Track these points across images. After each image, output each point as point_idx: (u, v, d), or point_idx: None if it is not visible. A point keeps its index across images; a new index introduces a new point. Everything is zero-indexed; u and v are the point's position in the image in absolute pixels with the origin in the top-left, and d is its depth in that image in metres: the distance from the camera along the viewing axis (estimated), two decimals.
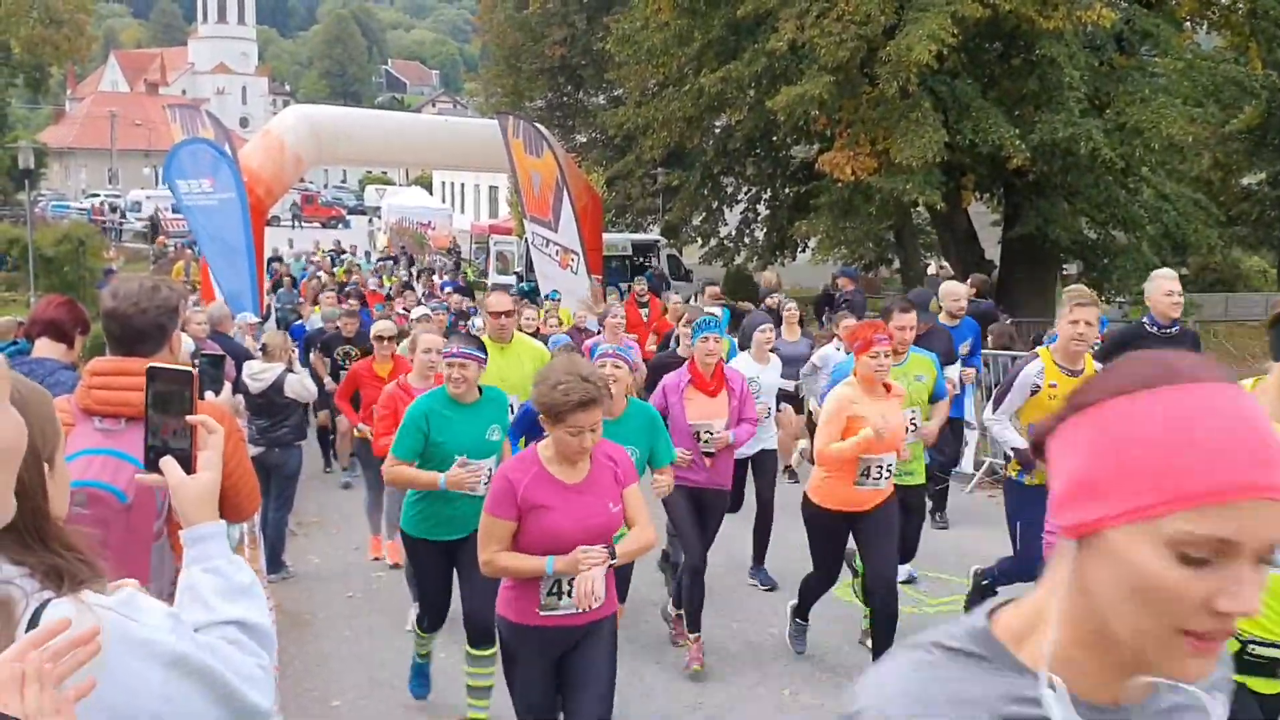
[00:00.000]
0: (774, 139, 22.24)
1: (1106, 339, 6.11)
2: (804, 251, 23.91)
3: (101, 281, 21.57)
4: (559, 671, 3.74)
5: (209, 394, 3.31)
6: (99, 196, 53.85)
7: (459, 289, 18.72)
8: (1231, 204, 23.96)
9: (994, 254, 20.61)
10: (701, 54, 19.22)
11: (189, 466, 1.79)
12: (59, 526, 1.47)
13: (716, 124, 21.82)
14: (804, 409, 9.56)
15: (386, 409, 5.82)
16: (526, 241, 20.93)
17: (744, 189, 24.57)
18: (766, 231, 24.20)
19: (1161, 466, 1.01)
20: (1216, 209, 19.94)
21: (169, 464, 1.79)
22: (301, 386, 7.75)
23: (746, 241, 24.93)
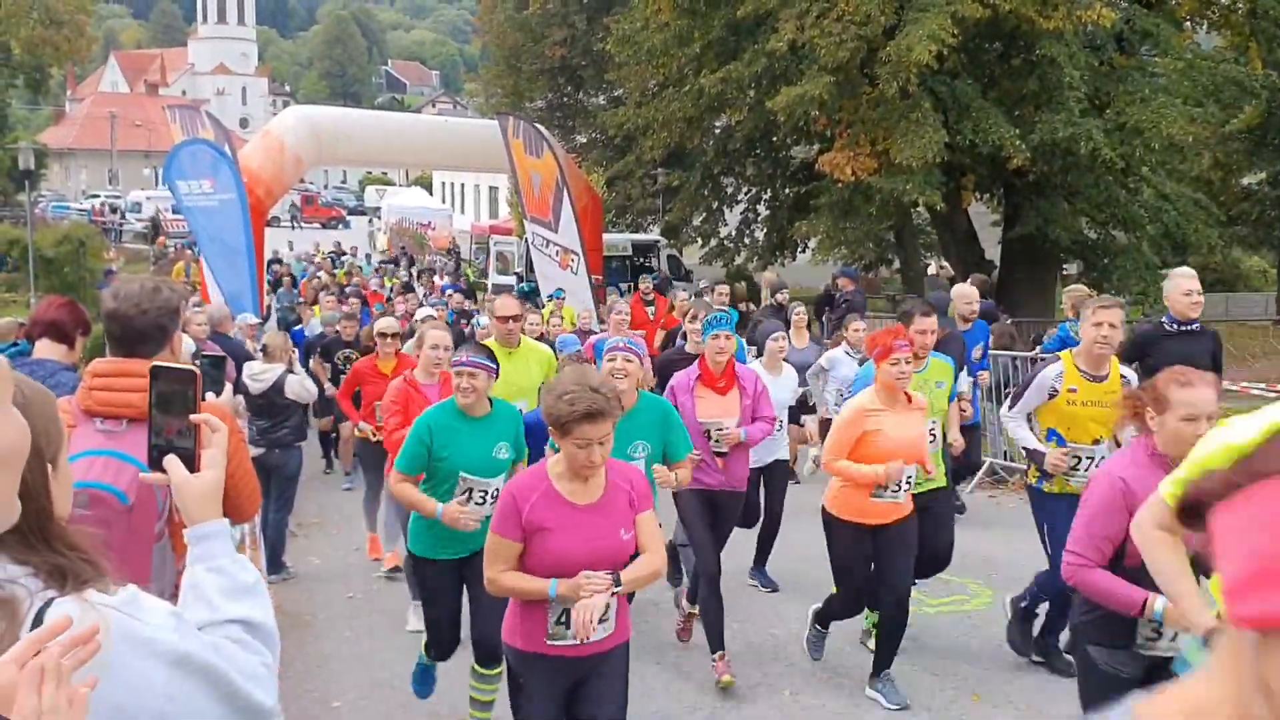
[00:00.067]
0: (774, 139, 22.24)
1: (1126, 340, 5.92)
2: (804, 252, 23.92)
3: (102, 282, 21.58)
4: (567, 701, 3.60)
5: (210, 395, 3.31)
6: (99, 197, 53.85)
7: (460, 292, 18.70)
8: (1232, 204, 23.95)
9: (994, 254, 20.60)
10: (701, 54, 19.23)
11: (193, 465, 1.80)
12: (62, 527, 1.48)
13: (716, 124, 21.82)
14: (813, 410, 9.25)
15: (396, 403, 5.65)
16: (527, 242, 20.93)
17: (744, 189, 24.56)
18: (766, 232, 24.19)
19: None
20: (1217, 209, 19.94)
21: (173, 462, 1.79)
22: (302, 388, 7.75)
23: (746, 242, 24.94)
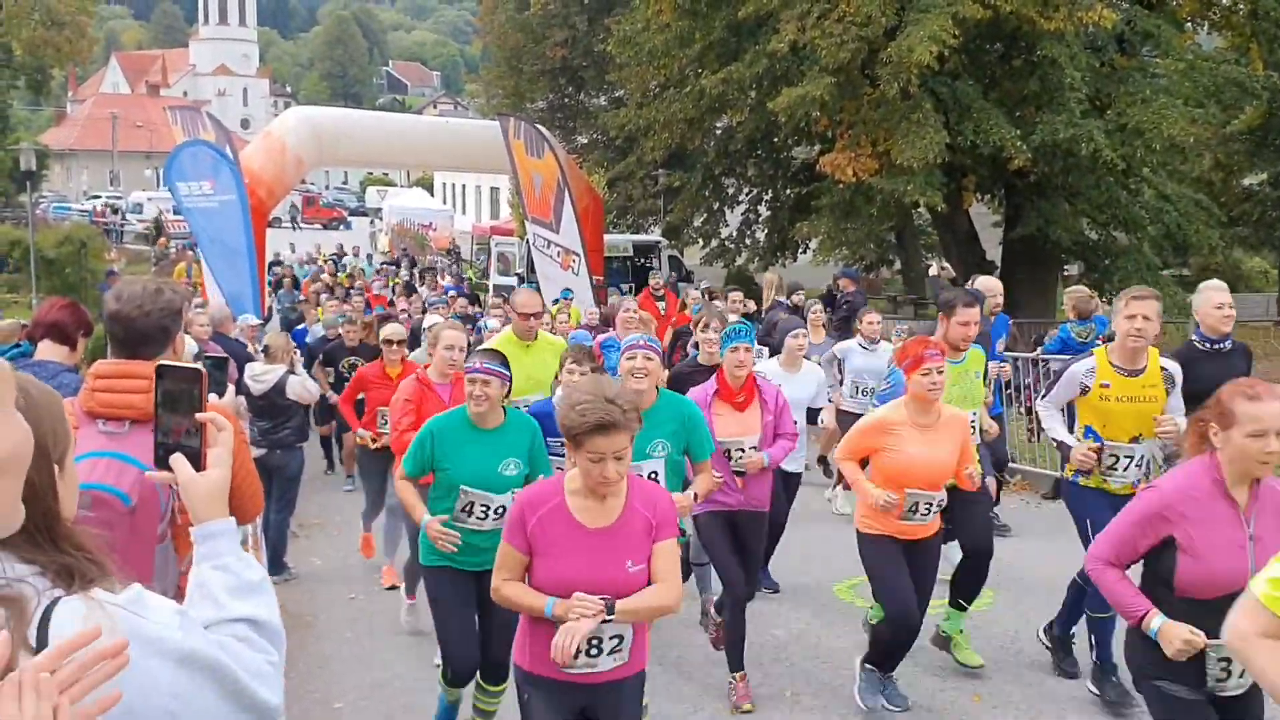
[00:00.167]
0: (775, 140, 22.25)
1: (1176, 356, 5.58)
2: (805, 253, 23.94)
3: (103, 283, 21.59)
4: None
5: (212, 396, 3.31)
6: (100, 198, 53.91)
7: (463, 295, 18.67)
8: (1233, 204, 23.92)
9: (995, 255, 20.61)
10: (702, 55, 19.24)
11: (199, 464, 1.80)
12: (69, 527, 1.49)
13: (718, 125, 21.82)
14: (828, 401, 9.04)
15: (410, 401, 5.47)
16: (528, 243, 20.93)
17: (745, 190, 24.58)
18: (768, 232, 24.20)
19: None
20: (1218, 209, 19.93)
21: (179, 461, 1.80)
22: (303, 388, 7.75)
23: (748, 243, 24.96)
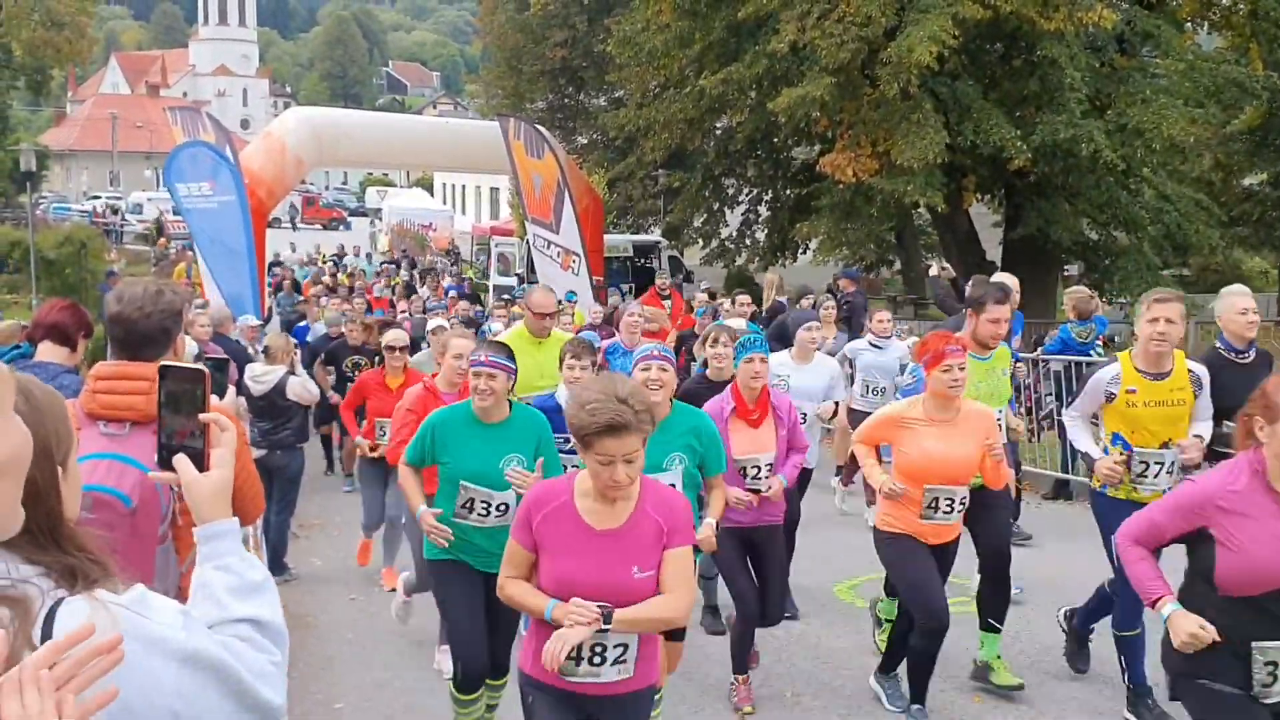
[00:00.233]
0: (775, 140, 22.26)
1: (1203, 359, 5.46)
2: (805, 253, 23.94)
3: (103, 284, 21.59)
4: None
5: (213, 397, 3.30)
6: (100, 199, 53.92)
7: (464, 295, 18.66)
8: (1233, 204, 23.88)
9: (995, 255, 20.60)
10: (702, 56, 19.24)
11: (202, 464, 1.80)
12: (71, 528, 1.49)
13: (717, 125, 21.83)
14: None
15: (413, 412, 5.30)
16: (528, 243, 20.93)
17: (745, 190, 24.59)
18: (768, 233, 24.22)
19: None
20: (1218, 209, 19.91)
21: (182, 462, 1.80)
22: (303, 389, 7.75)
23: (748, 243, 24.98)
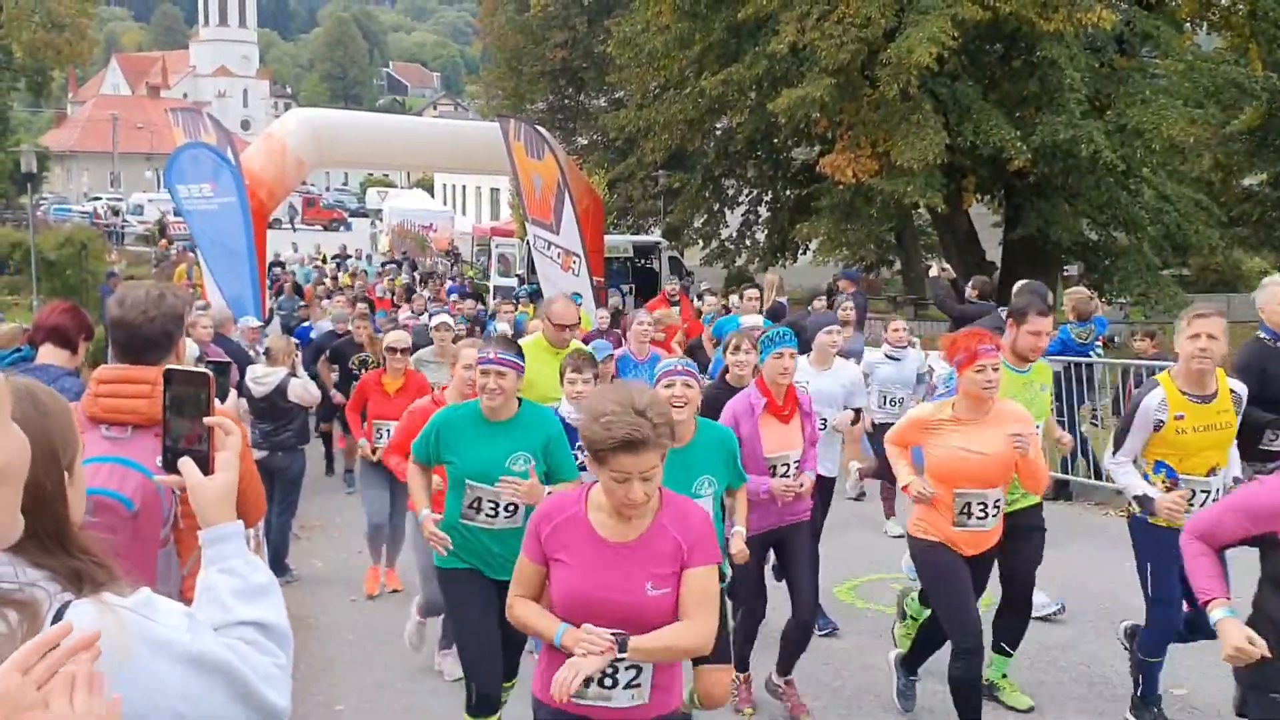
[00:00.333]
0: (775, 141, 22.29)
1: (1240, 366, 5.33)
2: (805, 253, 23.96)
3: (104, 285, 21.60)
4: None
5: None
6: (101, 200, 53.94)
7: (465, 295, 18.67)
8: (1232, 205, 23.91)
9: (995, 255, 20.63)
10: (702, 57, 19.26)
11: (207, 468, 1.82)
12: (77, 531, 1.50)
13: (717, 126, 21.86)
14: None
15: (410, 426, 5.07)
16: (528, 244, 20.95)
17: (745, 191, 24.62)
18: (768, 233, 24.24)
19: None
20: (1217, 210, 19.94)
21: (187, 465, 1.81)
22: (304, 390, 7.76)
23: (748, 243, 24.99)
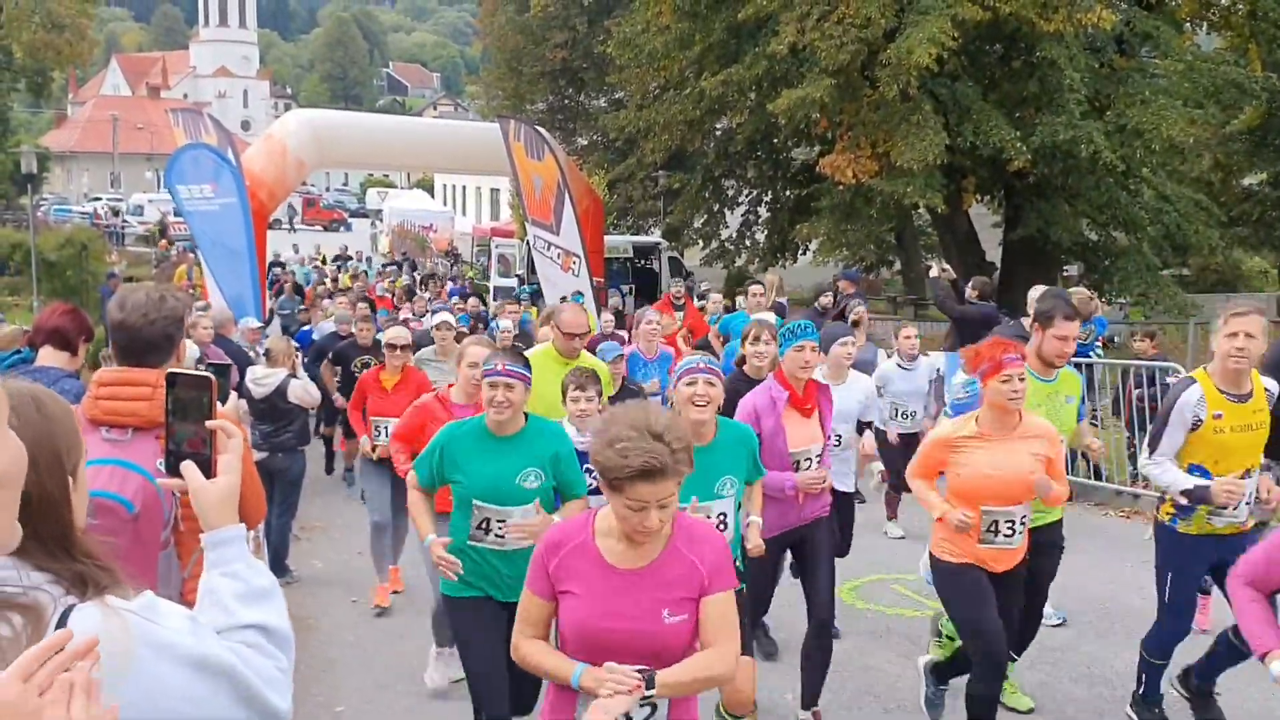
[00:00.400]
0: (775, 142, 22.29)
1: (1269, 357, 5.18)
2: (805, 254, 23.96)
3: (104, 286, 21.61)
4: None
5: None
6: (101, 200, 53.94)
7: (465, 295, 18.69)
8: (1232, 205, 23.90)
9: (995, 256, 20.63)
10: (702, 57, 19.26)
11: (209, 471, 1.82)
12: (80, 535, 1.51)
13: (717, 127, 21.86)
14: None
15: (414, 421, 4.97)
16: (528, 244, 20.95)
17: (745, 191, 24.62)
18: (768, 234, 24.24)
19: None
20: (1217, 210, 19.94)
21: (190, 468, 1.81)
22: (305, 392, 7.76)
23: (748, 244, 24.99)
